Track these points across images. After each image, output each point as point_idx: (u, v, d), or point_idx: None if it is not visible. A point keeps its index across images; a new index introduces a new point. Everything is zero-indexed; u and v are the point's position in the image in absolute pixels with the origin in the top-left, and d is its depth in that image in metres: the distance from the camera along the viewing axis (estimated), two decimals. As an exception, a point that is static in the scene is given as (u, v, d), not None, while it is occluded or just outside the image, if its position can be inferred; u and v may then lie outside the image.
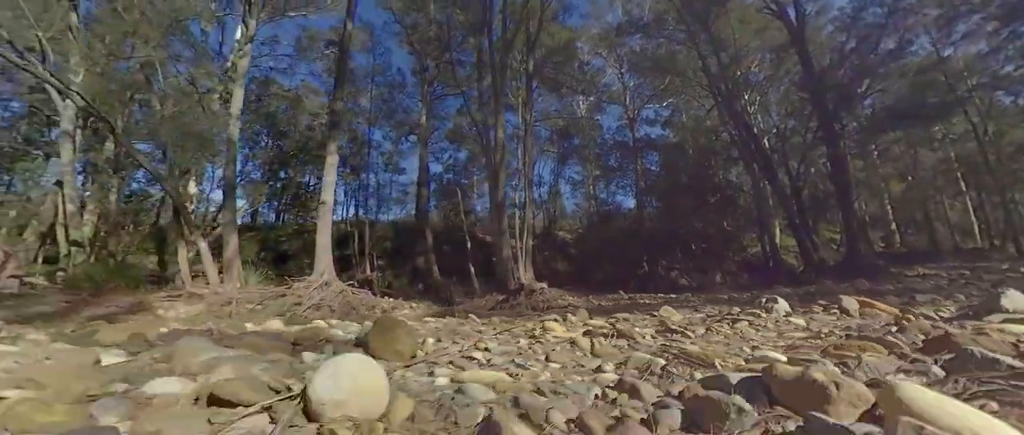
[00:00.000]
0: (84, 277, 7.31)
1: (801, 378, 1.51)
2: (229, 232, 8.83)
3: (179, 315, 7.05)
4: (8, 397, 1.64)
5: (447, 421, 1.61)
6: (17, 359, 2.51)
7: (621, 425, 1.43)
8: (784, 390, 1.55)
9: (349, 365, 1.63)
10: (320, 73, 19.87)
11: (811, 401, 1.41)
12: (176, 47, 9.61)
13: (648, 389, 1.85)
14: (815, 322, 3.80)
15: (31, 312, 6.21)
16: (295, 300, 7.03)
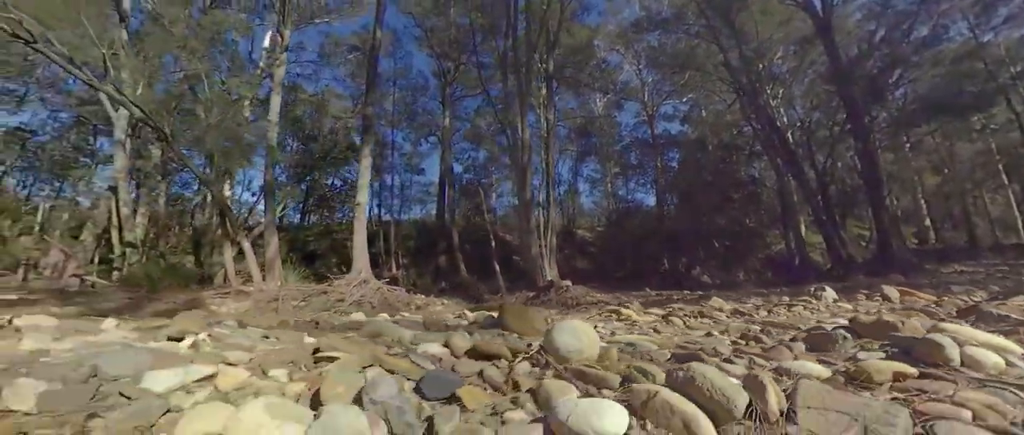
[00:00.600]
0: (142, 276, 7.84)
1: (878, 321, 2.49)
2: (270, 233, 9.30)
3: (230, 311, 7.52)
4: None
5: (643, 359, 2.30)
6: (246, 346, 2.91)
7: (775, 349, 2.28)
8: (865, 329, 2.48)
9: (575, 326, 2.37)
10: (343, 78, 20.45)
11: (885, 334, 2.34)
12: (216, 58, 10.13)
13: (767, 340, 2.59)
14: (862, 306, 3.97)
15: (103, 307, 6.74)
16: (338, 297, 7.39)
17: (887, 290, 4.44)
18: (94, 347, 2.71)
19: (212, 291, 8.06)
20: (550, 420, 1.40)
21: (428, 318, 5.05)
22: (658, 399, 1.42)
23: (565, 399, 1.51)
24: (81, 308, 6.66)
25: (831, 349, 2.24)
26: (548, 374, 2.03)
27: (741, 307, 4.65)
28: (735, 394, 1.38)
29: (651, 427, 1.39)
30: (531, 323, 3.52)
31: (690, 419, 1.34)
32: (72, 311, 6.44)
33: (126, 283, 8.54)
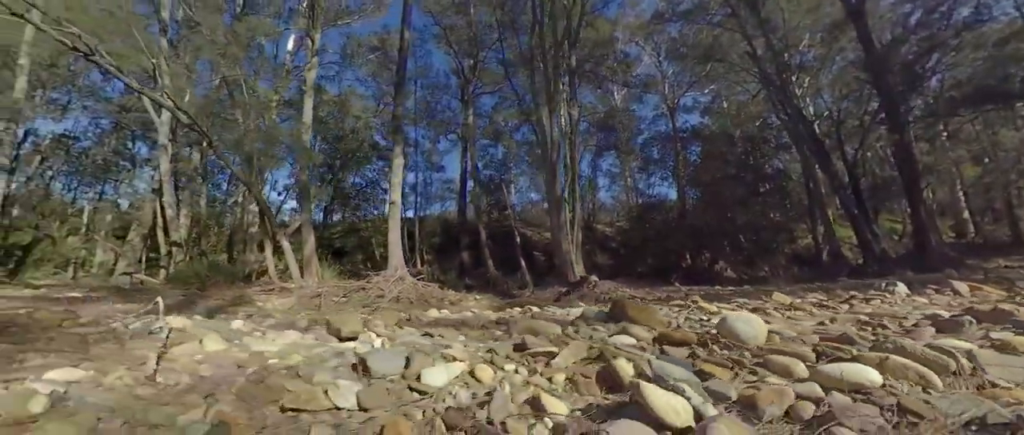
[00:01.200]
0: (191, 274, 8.23)
1: (994, 308, 2.97)
2: (306, 231, 9.62)
3: (276, 307, 7.84)
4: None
5: (796, 341, 2.61)
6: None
7: (915, 331, 2.67)
8: (984, 316, 2.84)
9: (747, 316, 2.86)
10: (364, 78, 20.78)
11: (1006, 319, 2.72)
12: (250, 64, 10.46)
13: (891, 326, 2.89)
14: (935, 300, 3.97)
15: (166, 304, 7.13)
16: (377, 293, 7.62)
17: (957, 285, 4.46)
18: (293, 348, 3.18)
19: (257, 288, 8.40)
20: (820, 378, 1.83)
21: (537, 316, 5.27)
22: (891, 361, 1.89)
23: (831, 365, 1.94)
24: (138, 305, 7.06)
25: (960, 332, 2.56)
26: (747, 356, 2.33)
27: (802, 302, 4.62)
28: (945, 357, 1.89)
29: (893, 380, 1.84)
30: (654, 316, 3.77)
31: (923, 374, 1.81)
32: (135, 308, 6.83)
33: (175, 281, 8.97)
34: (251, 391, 2.07)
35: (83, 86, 17.87)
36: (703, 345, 2.61)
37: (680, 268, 19.97)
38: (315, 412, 1.87)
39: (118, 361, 2.59)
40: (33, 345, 3.03)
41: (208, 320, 4.79)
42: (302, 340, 3.61)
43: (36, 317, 4.29)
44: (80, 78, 17.33)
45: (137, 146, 18.73)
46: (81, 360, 2.56)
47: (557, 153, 9.53)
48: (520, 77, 14.35)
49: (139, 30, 7.53)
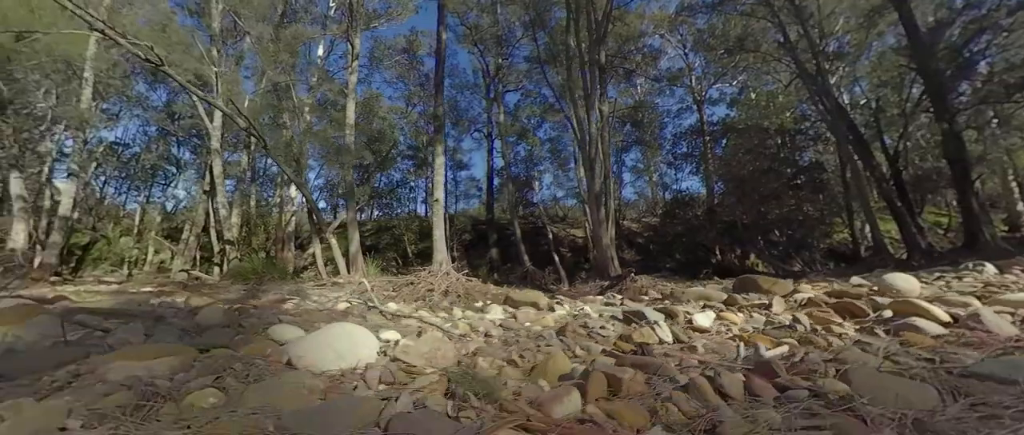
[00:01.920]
0: (249, 270, 8.69)
1: None
2: (352, 229, 10.00)
3: (331, 300, 8.22)
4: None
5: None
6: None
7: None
8: None
9: (902, 275, 4.06)
10: (392, 80, 21.26)
11: None
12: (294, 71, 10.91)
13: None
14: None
15: (227, 298, 7.61)
16: (427, 287, 7.87)
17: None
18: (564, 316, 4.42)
19: (309, 283, 8.80)
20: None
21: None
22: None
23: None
24: (208, 299, 7.53)
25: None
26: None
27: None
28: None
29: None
30: (781, 286, 4.75)
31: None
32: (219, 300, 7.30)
33: (232, 276, 9.48)
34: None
35: (132, 96, 18.97)
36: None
37: (709, 263, 19.71)
38: (659, 343, 2.93)
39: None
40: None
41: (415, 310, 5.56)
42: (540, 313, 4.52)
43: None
44: (130, 89, 18.40)
45: (181, 151, 19.74)
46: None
47: (595, 149, 9.57)
48: (547, 74, 14.34)
49: (200, 42, 7.98)
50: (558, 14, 15.00)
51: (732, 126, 17.96)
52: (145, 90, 19.06)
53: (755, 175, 18.06)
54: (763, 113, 22.53)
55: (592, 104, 9.60)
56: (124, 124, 20.17)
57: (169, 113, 18.21)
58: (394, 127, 19.80)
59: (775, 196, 18.17)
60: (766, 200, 18.08)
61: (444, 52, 10.49)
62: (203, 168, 14.64)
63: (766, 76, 22.58)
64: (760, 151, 17.61)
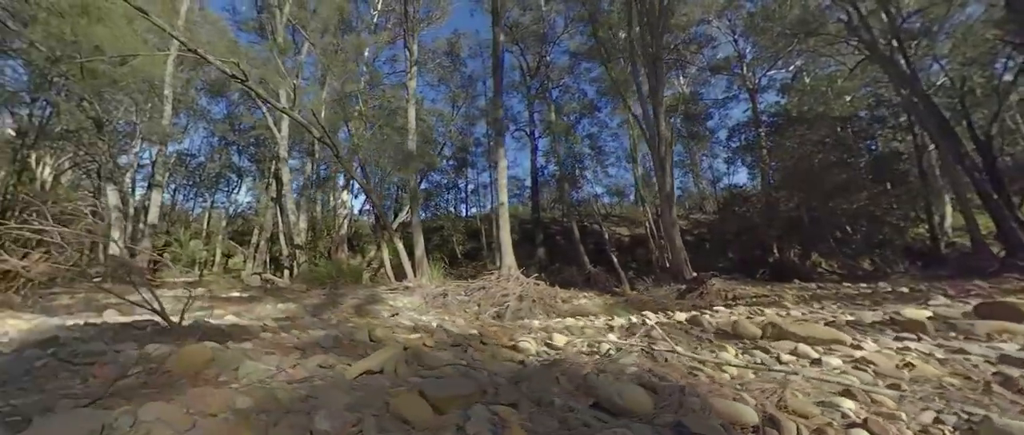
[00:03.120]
0: (324, 274, 8.97)
1: None
2: (417, 233, 10.13)
3: (406, 306, 8.36)
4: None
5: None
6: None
7: None
8: None
9: None
10: (434, 83, 21.48)
11: None
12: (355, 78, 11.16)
13: None
14: None
15: (313, 303, 7.91)
16: (502, 293, 7.83)
17: None
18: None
19: (383, 287, 8.98)
20: None
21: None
22: None
23: None
24: (295, 305, 7.84)
25: None
26: None
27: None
28: None
29: None
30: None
31: None
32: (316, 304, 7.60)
33: (308, 281, 9.85)
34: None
35: (197, 108, 20.28)
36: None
37: (766, 263, 18.60)
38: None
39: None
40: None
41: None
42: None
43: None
44: (195, 102, 19.68)
45: (241, 158, 20.88)
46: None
47: (666, 148, 9.16)
48: (605, 69, 13.79)
49: (279, 58, 8.27)
50: (606, 7, 14.54)
51: (801, 116, 16.75)
52: (207, 103, 20.34)
53: (821, 167, 16.81)
54: (821, 99, 21.02)
55: (660, 100, 9.18)
56: (190, 135, 21.64)
57: (230, 124, 19.33)
58: (445, 128, 19.96)
59: (844, 189, 16.86)
60: (834, 194, 16.79)
61: (501, 54, 10.37)
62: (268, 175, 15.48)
63: (825, 59, 21.01)
64: (826, 141, 16.37)
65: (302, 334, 4.11)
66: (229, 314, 6.43)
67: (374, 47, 16.33)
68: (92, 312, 5.86)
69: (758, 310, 6.32)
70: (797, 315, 5.52)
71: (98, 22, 10.44)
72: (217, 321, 5.00)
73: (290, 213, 11.03)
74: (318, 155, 12.78)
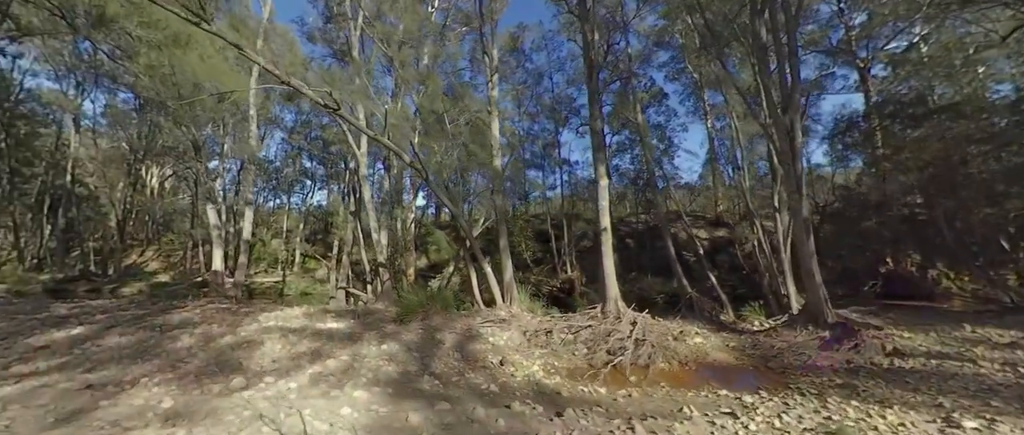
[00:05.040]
0: (417, 303, 8.71)
1: None
2: (505, 258, 9.58)
3: (506, 344, 7.88)
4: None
5: None
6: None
7: None
8: None
9: None
10: (481, 86, 20.76)
11: None
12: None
13: None
14: None
15: (413, 340, 7.70)
16: (614, 334, 7.08)
17: None
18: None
19: (478, 318, 8.56)
20: None
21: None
22: None
23: None
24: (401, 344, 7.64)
25: None
26: None
27: None
28: None
29: None
30: None
31: None
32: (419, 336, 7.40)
33: (394, 301, 9.71)
34: None
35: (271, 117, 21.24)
36: None
37: (874, 273, 16.09)
38: None
39: None
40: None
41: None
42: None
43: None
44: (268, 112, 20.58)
45: (314, 165, 21.67)
46: None
47: (801, 165, 7.63)
48: (723, 64, 11.91)
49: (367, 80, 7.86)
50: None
51: (951, 106, 13.89)
52: (279, 110, 21.21)
53: (950, 164, 13.93)
54: (949, 73, 17.43)
55: (796, 104, 7.62)
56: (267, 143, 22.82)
57: (302, 133, 20.04)
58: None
59: (987, 188, 13.91)
60: (973, 193, 13.92)
61: (595, 55, 9.26)
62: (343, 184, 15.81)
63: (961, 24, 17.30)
64: (973, 132, 13.45)
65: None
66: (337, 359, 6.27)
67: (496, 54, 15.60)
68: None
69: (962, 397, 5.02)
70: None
71: (185, 46, 10.73)
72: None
73: (373, 232, 10.97)
74: (395, 170, 12.62)
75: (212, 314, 9.18)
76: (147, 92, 11.22)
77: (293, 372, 5.72)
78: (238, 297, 11.85)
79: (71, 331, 7.81)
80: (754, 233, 11.02)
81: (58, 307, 10.38)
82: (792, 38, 8.01)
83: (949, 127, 13.50)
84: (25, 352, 6.49)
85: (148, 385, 5.00)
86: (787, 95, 7.66)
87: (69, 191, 18.48)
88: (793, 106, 7.70)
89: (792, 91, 7.69)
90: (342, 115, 7.58)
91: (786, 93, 7.71)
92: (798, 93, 7.94)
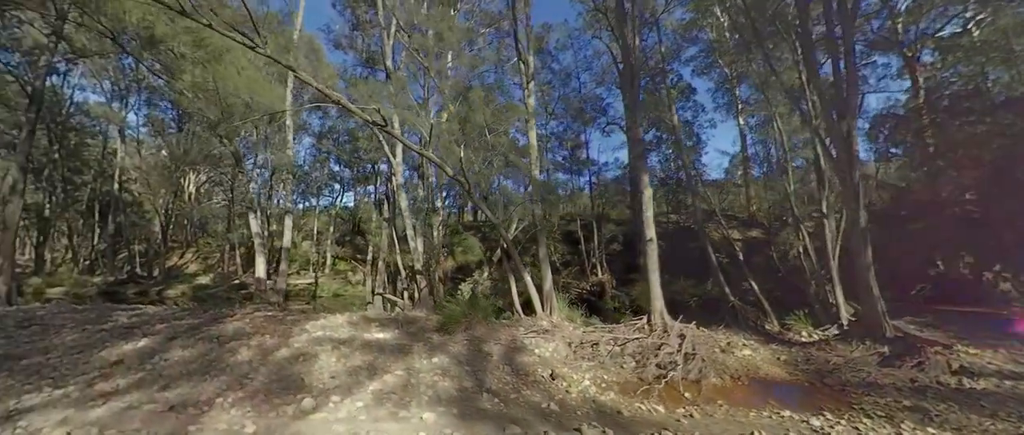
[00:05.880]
0: (459, 313, 8.80)
1: None
2: (545, 266, 9.56)
3: (553, 356, 7.90)
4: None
5: None
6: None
7: None
8: None
9: None
10: (509, 87, 20.63)
11: None
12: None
13: None
14: None
15: (461, 352, 7.81)
16: (665, 348, 6.99)
17: None
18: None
19: (521, 328, 8.60)
20: None
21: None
22: None
23: None
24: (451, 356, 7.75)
25: None
26: None
27: None
28: None
29: None
30: None
31: None
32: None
33: (433, 309, 9.85)
34: None
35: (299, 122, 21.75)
36: None
37: (925, 276, 15.34)
38: None
39: None
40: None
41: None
42: None
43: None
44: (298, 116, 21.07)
45: (341, 169, 22.10)
46: None
47: (858, 174, 7.23)
48: (770, 63, 11.43)
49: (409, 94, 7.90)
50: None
51: (1018, 99, 13.02)
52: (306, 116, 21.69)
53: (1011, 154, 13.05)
54: (1006, 58, 16.26)
55: (853, 109, 7.23)
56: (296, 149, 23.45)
57: (329, 138, 20.45)
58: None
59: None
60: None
61: (638, 62, 9.02)
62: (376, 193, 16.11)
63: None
64: None
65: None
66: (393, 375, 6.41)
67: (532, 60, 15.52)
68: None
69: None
70: None
71: (220, 59, 11.03)
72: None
73: (410, 240, 11.13)
74: (430, 177, 12.75)
75: (262, 323, 9.50)
76: (191, 107, 11.58)
77: (355, 389, 5.88)
78: (281, 303, 12.25)
79: (137, 343, 8.17)
80: (799, 239, 10.64)
81: (119, 315, 10.95)
82: (849, 35, 7.60)
83: (1012, 123, 12.66)
84: (102, 367, 6.85)
85: (224, 406, 5.22)
86: (843, 99, 7.30)
87: (116, 198, 19.46)
88: (851, 111, 7.34)
89: (849, 95, 7.32)
90: (389, 131, 7.64)
91: (842, 97, 7.35)
92: (856, 97, 7.55)
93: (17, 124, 16.75)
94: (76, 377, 6.29)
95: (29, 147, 11.34)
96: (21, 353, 7.29)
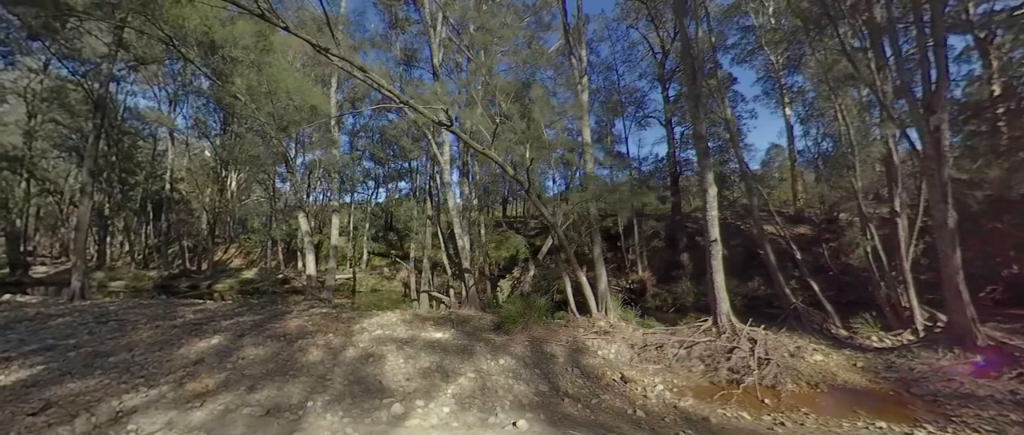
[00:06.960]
0: (516, 314, 8.78)
1: None
2: (599, 266, 9.41)
3: (616, 358, 7.81)
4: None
5: None
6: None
7: None
8: None
9: None
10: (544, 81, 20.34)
11: None
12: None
13: None
14: None
15: (524, 355, 7.82)
16: (736, 352, 6.78)
17: None
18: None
19: (580, 329, 8.53)
20: None
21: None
22: None
23: None
24: (517, 359, 7.76)
25: None
26: None
27: None
28: None
29: None
30: None
31: None
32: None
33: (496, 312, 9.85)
34: None
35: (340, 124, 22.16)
36: None
37: (996, 276, 14.29)
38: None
39: None
40: None
41: None
42: None
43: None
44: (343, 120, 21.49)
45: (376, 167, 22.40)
46: None
47: (946, 169, 6.72)
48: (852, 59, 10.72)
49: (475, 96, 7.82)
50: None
51: None
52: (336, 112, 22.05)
53: None
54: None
55: (943, 104, 6.69)
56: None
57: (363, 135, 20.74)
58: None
59: None
60: None
61: (701, 54, 8.63)
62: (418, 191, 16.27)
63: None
64: None
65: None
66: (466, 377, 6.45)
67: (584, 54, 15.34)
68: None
69: None
70: None
71: (268, 52, 11.21)
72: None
73: (458, 239, 11.18)
74: (478, 176, 12.77)
75: (320, 322, 9.76)
76: (245, 111, 11.86)
77: (434, 393, 5.95)
78: (330, 300, 12.57)
79: (211, 341, 8.47)
80: (867, 238, 10.11)
81: (184, 310, 11.50)
82: (939, 22, 7.04)
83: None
84: (186, 366, 7.14)
85: (316, 410, 5.35)
86: (932, 92, 6.79)
87: (167, 196, 20.39)
88: (941, 105, 6.82)
89: (938, 87, 6.80)
90: (456, 132, 7.61)
91: (931, 90, 6.84)
92: (946, 90, 7.01)
93: (78, 129, 17.79)
94: (165, 376, 6.54)
95: (96, 151, 11.89)
96: (108, 350, 7.67)
